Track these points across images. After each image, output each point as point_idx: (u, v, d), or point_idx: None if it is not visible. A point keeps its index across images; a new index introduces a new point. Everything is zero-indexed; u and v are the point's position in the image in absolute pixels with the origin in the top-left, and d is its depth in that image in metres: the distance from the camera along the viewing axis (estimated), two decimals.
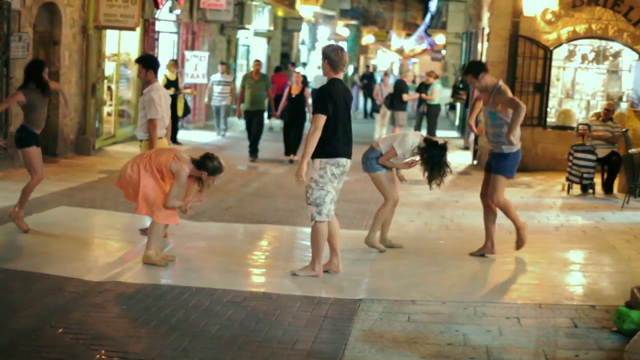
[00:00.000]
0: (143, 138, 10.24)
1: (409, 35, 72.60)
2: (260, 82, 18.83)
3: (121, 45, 19.16)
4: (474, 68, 9.88)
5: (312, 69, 36.42)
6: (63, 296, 7.72)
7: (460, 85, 25.05)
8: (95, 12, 16.90)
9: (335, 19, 46.99)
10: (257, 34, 30.85)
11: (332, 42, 48.28)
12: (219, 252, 9.76)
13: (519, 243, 9.92)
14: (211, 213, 12.22)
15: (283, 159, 18.95)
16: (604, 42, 17.94)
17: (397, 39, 69.48)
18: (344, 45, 50.31)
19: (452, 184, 16.35)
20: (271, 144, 21.14)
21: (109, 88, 19.08)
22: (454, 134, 26.85)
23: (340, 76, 8.61)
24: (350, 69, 51.75)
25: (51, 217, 11.16)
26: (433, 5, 56.57)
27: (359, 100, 34.61)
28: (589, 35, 17.73)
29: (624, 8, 17.42)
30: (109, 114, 19.13)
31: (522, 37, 17.72)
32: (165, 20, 21.78)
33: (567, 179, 14.99)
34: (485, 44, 18.83)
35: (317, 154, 8.41)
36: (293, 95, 18.53)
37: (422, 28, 60.90)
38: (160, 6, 20.61)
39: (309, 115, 18.03)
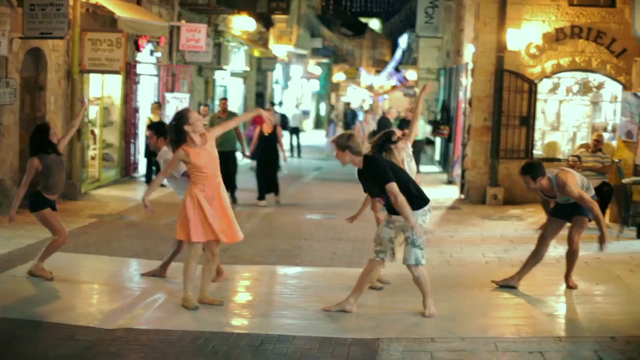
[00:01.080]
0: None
1: (378, 72, 73.03)
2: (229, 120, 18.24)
3: (104, 88, 19.02)
4: (531, 172, 9.56)
5: (289, 108, 36.50)
6: (75, 345, 7.56)
7: (441, 120, 25.19)
8: (79, 57, 16.77)
9: (307, 57, 47.17)
10: (233, 74, 30.85)
11: (305, 80, 48.60)
12: (225, 295, 9.60)
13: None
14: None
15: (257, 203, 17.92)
16: (587, 74, 18.05)
17: (366, 76, 69.86)
18: (315, 83, 50.55)
19: (444, 219, 16.36)
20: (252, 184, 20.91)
21: (92, 132, 18.93)
22: (435, 168, 26.89)
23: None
24: (321, 107, 51.95)
25: (48, 265, 10.92)
26: (403, 42, 56.94)
27: None
28: (573, 67, 17.86)
29: (606, 40, 17.58)
30: (92, 158, 18.96)
31: (507, 72, 17.80)
32: (146, 63, 21.70)
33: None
34: (470, 79, 18.88)
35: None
36: (265, 134, 17.60)
37: (392, 64, 61.27)
38: (142, 49, 20.53)
39: (282, 154, 17.82)
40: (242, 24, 30.05)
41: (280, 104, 31.65)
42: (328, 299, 9.13)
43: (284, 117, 29.83)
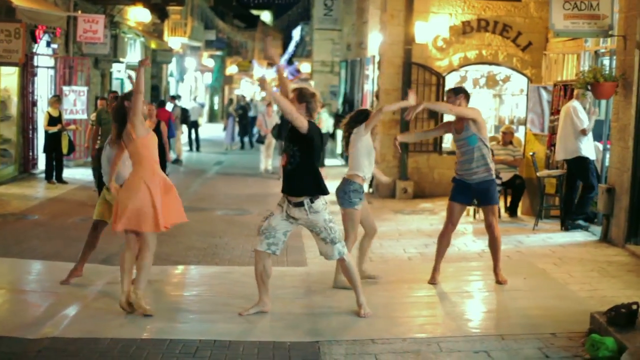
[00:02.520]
0: None
1: (270, 65, 72.66)
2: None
3: (1, 81, 18.21)
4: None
5: (186, 101, 35.89)
6: None
7: (343, 113, 25.08)
8: None
9: (201, 50, 46.54)
10: (129, 66, 30.09)
11: (199, 73, 47.95)
12: (152, 297, 9.17)
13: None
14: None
15: None
16: (494, 67, 18.15)
17: (259, 68, 69.41)
18: (208, 76, 49.95)
19: None
20: None
21: None
22: (337, 162, 26.78)
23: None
24: (215, 100, 51.37)
25: None
26: (297, 34, 56.75)
27: (235, 132, 34.14)
28: (480, 61, 17.95)
29: (512, 34, 17.71)
30: None
31: (415, 65, 17.76)
32: (43, 55, 20.92)
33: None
34: (377, 71, 18.78)
35: (316, 192, 8.19)
36: None
37: (285, 57, 60.97)
38: (39, 40, 19.76)
39: (167, 154, 16.12)
40: (137, 15, 29.32)
41: (179, 97, 31.01)
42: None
43: (184, 111, 29.24)
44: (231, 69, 59.70)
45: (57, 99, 19.47)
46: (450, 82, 18.04)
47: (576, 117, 13.18)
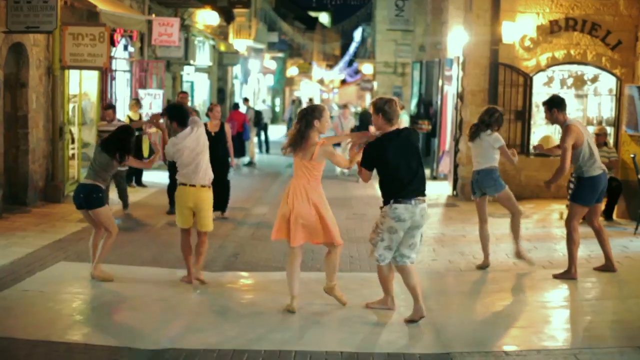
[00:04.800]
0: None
1: (329, 66, 72.71)
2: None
3: (82, 85, 18.17)
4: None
5: (257, 104, 35.83)
6: None
7: (418, 115, 24.78)
8: (60, 52, 15.93)
9: (263, 51, 46.49)
10: (198, 69, 30.11)
11: (261, 75, 47.94)
12: (263, 305, 8.96)
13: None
14: (219, 262, 11.43)
15: (244, 206, 16.76)
16: (582, 67, 17.71)
17: (318, 70, 69.47)
18: (270, 78, 49.94)
19: (446, 217, 15.94)
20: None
21: (70, 131, 18.07)
22: None
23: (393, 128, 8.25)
24: (276, 102, 51.35)
25: (57, 276, 10.23)
26: (358, 36, 56.56)
27: None
28: (568, 60, 17.52)
29: (601, 33, 17.26)
30: (71, 158, 18.09)
31: (502, 65, 17.39)
32: (119, 59, 20.90)
33: (567, 207, 14.60)
34: (461, 72, 18.42)
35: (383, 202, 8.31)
36: (212, 134, 14.49)
37: (346, 58, 60.92)
38: (117, 44, 19.74)
39: (231, 158, 15.45)
40: (206, 17, 29.35)
41: (247, 99, 30.90)
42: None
43: (258, 114, 29.12)
44: (291, 71, 59.61)
45: (136, 102, 19.42)
46: (538, 82, 17.65)
47: None
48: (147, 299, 9.24)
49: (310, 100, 40.56)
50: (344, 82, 71.36)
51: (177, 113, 10.18)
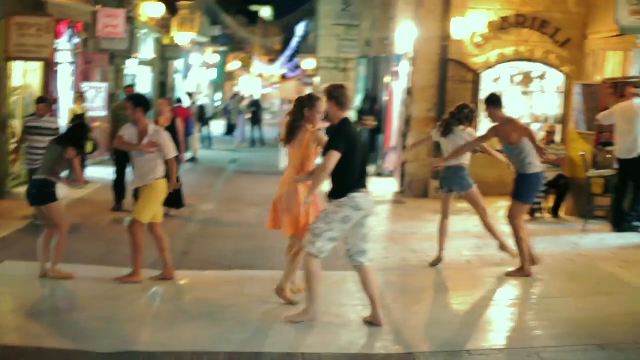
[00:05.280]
0: (152, 180, 9.62)
1: (271, 60, 72.38)
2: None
3: (26, 77, 17.72)
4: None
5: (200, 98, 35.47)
6: None
7: (363, 111, 24.66)
8: (5, 43, 15.50)
9: (206, 45, 46.07)
10: (141, 62, 29.67)
11: (205, 69, 47.51)
12: (206, 306, 8.76)
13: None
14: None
15: (191, 203, 15.89)
16: (530, 64, 17.76)
17: (259, 65, 69.12)
18: (213, 72, 49.55)
19: (395, 214, 15.89)
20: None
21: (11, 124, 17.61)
22: None
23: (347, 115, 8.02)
24: (216, 97, 50.97)
25: (2, 276, 9.92)
26: (300, 30, 56.36)
27: (247, 130, 33.66)
28: (517, 57, 17.56)
29: (550, 30, 17.33)
30: (12, 153, 17.61)
31: (452, 61, 17.36)
32: (63, 50, 20.45)
33: None
34: (410, 68, 18.36)
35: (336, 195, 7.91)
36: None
37: (288, 53, 60.68)
38: (61, 35, 19.29)
39: (181, 154, 14.86)
40: (150, 9, 28.91)
41: (192, 94, 30.51)
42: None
43: (202, 109, 28.80)
44: (232, 65, 59.22)
45: (80, 95, 19.04)
46: (487, 79, 17.66)
47: None
48: (98, 300, 8.99)
49: (251, 95, 40.22)
50: (284, 77, 71.17)
51: (143, 100, 10.00)
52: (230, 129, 36.84)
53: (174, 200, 14.78)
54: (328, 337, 7.75)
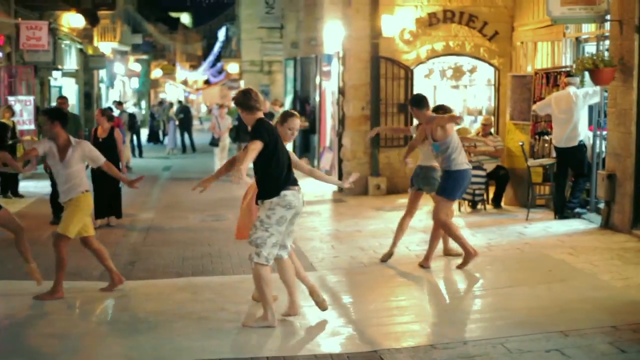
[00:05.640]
0: (77, 194, 9.38)
1: (192, 67, 71.99)
2: (69, 124, 15.09)
3: None
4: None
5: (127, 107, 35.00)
6: None
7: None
8: None
9: (128, 54, 45.59)
10: (65, 74, 29.22)
11: (127, 78, 47.02)
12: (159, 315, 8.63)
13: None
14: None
15: (130, 212, 15.79)
16: (461, 59, 17.92)
17: (182, 71, 68.71)
18: (135, 81, 49.06)
19: (337, 213, 15.90)
20: None
21: None
22: None
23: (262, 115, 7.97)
24: (142, 105, 50.50)
25: None
26: (222, 35, 56.13)
27: (177, 136, 33.38)
28: (447, 52, 17.68)
29: (478, 24, 17.49)
30: None
31: (383, 58, 17.42)
32: None
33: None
34: (341, 67, 18.39)
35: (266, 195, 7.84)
36: (100, 139, 14.36)
37: (210, 58, 60.38)
38: None
39: (122, 164, 14.66)
40: (71, 20, 28.51)
41: (121, 103, 30.13)
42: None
43: (132, 117, 28.44)
44: (156, 73, 58.75)
45: (8, 108, 18.65)
46: (419, 74, 17.77)
47: (585, 102, 13.02)
48: (50, 316, 8.79)
49: (180, 102, 39.94)
50: (207, 82, 70.81)
51: (59, 113, 9.81)
52: (154, 137, 36.60)
53: (114, 209, 14.63)
54: (291, 339, 7.71)
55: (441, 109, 10.79)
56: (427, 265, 10.38)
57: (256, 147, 7.58)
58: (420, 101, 10.33)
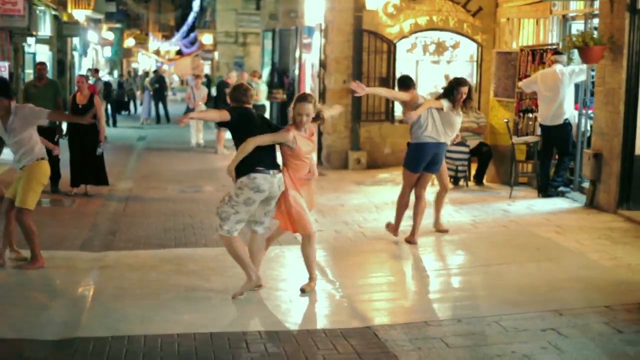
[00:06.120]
0: (30, 162, 9.08)
1: (165, 37, 71.34)
2: (47, 89, 14.42)
3: None
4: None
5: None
6: None
7: (272, 84, 24.46)
8: None
9: (102, 22, 45.01)
10: (39, 40, 28.71)
11: (99, 47, 46.48)
12: (142, 288, 8.46)
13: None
14: (97, 241, 10.83)
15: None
16: (444, 34, 17.78)
17: (154, 41, 68.05)
18: (108, 50, 48.54)
19: (318, 187, 15.61)
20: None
21: None
22: None
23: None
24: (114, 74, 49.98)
25: None
26: (196, 5, 55.59)
27: (151, 106, 33.00)
28: (431, 27, 17.56)
29: None
30: None
31: (366, 32, 17.26)
32: None
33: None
34: (323, 40, 18.20)
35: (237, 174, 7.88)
36: (79, 106, 14.12)
37: (184, 29, 59.81)
38: None
39: (102, 131, 14.38)
40: None
41: (97, 70, 29.70)
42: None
43: (107, 86, 28.06)
44: (129, 42, 58.15)
45: None
46: (401, 49, 17.62)
47: (571, 80, 12.93)
48: (28, 285, 8.61)
49: (155, 72, 39.53)
50: (179, 53, 70.18)
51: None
52: (123, 106, 36.13)
53: (98, 177, 14.39)
54: (281, 314, 7.58)
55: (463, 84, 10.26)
56: (413, 240, 10.29)
57: (221, 114, 7.85)
58: (404, 81, 10.53)
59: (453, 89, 10.17)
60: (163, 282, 8.57)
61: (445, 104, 10.10)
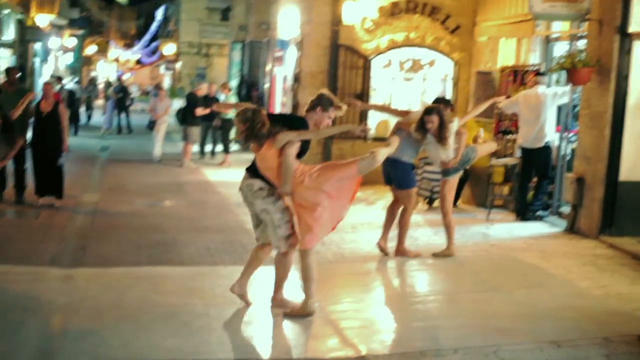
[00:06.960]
0: None
1: (126, 45, 70.58)
2: (17, 96, 13.64)
3: None
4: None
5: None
6: None
7: (240, 97, 24.14)
8: None
9: (64, 28, 44.37)
10: (2, 44, 28.13)
11: (60, 53, 45.78)
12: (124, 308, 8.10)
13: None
14: (67, 256, 10.41)
15: (73, 193, 14.92)
16: (420, 51, 17.58)
17: (115, 50, 67.30)
18: (69, 56, 47.93)
19: None
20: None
21: None
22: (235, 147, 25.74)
23: None
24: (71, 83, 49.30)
25: None
26: (160, 14, 55.07)
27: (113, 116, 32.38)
28: (408, 44, 17.37)
29: (441, 16, 17.22)
30: None
31: (343, 46, 17.02)
32: None
33: (417, 194, 14.39)
34: (298, 53, 17.92)
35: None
36: (43, 114, 13.79)
37: (147, 37, 59.19)
38: None
39: (65, 141, 14.03)
40: None
41: (60, 78, 29.08)
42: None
43: (72, 94, 27.49)
44: (90, 49, 57.45)
45: None
46: (377, 65, 17.38)
47: (554, 102, 12.77)
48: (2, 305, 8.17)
49: (119, 80, 38.98)
50: (139, 62, 69.45)
51: None
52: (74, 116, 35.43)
53: (54, 189, 13.94)
54: (271, 342, 7.29)
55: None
56: (402, 253, 10.39)
57: None
58: None
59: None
60: (141, 303, 8.17)
61: (413, 130, 9.94)
